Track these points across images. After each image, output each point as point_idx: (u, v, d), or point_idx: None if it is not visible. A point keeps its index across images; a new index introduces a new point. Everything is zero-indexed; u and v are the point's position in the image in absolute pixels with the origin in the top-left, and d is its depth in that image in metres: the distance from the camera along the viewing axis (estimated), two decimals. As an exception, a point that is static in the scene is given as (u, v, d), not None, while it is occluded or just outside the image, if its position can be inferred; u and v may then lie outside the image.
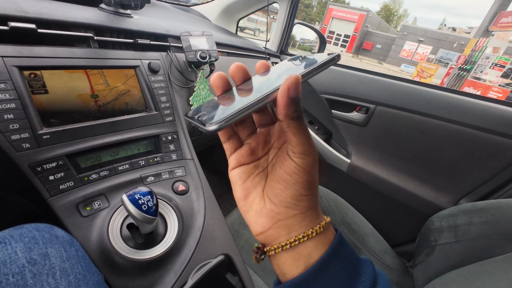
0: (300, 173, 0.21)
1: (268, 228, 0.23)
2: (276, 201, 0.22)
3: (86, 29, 0.52)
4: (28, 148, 0.39)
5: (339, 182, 1.22)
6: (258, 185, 0.24)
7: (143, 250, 0.42)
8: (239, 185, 0.24)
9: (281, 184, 0.22)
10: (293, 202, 0.22)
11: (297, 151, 0.21)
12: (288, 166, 0.21)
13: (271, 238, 0.23)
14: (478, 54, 7.31)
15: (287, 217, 0.22)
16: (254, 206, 0.24)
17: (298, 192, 0.22)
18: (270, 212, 0.23)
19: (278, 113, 0.19)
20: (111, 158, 0.49)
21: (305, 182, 0.21)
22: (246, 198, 0.24)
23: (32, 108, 0.40)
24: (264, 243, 0.24)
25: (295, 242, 0.22)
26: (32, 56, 0.42)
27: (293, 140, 0.20)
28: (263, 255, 0.24)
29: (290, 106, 0.19)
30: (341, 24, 22.95)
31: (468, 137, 0.86)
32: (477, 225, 0.64)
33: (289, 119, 0.19)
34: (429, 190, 0.97)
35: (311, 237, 0.22)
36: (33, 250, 0.30)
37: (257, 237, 0.24)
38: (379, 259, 0.82)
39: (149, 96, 0.57)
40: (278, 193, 0.22)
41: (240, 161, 0.25)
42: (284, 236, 0.22)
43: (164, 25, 0.69)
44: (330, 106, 1.19)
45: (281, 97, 0.19)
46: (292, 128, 0.20)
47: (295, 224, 0.22)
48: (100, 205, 0.44)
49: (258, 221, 0.23)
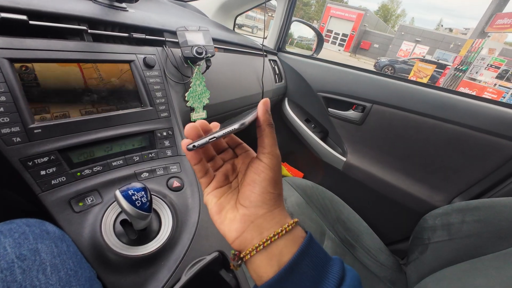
0: (267, 171, 0.25)
1: (242, 232, 0.25)
2: (247, 203, 0.26)
3: (80, 22, 0.51)
4: (19, 142, 0.38)
5: (335, 180, 1.23)
6: (231, 199, 0.28)
7: (136, 246, 0.41)
8: (214, 203, 0.27)
9: (251, 185, 0.26)
10: (261, 199, 0.25)
11: (267, 151, 0.26)
12: (257, 167, 0.26)
13: (246, 241, 0.25)
14: (474, 55, 7.37)
15: (258, 216, 0.25)
16: (228, 216, 0.26)
17: (264, 189, 0.25)
18: (242, 216, 0.25)
19: (258, 121, 0.26)
20: (104, 154, 0.49)
21: (271, 179, 0.25)
22: (220, 211, 0.27)
23: (23, 101, 0.39)
24: (240, 249, 0.25)
25: (267, 242, 0.24)
26: (23, 48, 0.41)
27: (265, 141, 0.26)
28: (240, 261, 0.25)
29: (266, 115, 0.26)
30: (339, 23, 22.92)
31: (463, 137, 0.86)
32: (470, 224, 0.64)
33: (266, 124, 0.26)
34: (424, 189, 0.97)
35: (282, 235, 0.24)
36: (23, 245, 0.30)
37: (233, 244, 0.26)
38: (373, 257, 0.83)
39: (144, 91, 0.56)
40: (248, 195, 0.26)
41: (216, 186, 0.28)
42: (257, 237, 0.24)
43: (160, 19, 0.68)
44: (327, 104, 1.19)
45: (260, 109, 0.26)
46: (267, 132, 0.26)
47: (266, 223, 0.25)
48: (93, 201, 0.44)
49: (232, 227, 0.25)
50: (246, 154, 0.30)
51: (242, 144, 0.31)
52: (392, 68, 12.36)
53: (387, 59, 13.25)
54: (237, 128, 0.23)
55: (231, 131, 0.23)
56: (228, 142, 0.31)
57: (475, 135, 0.84)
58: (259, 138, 0.26)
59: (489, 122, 0.81)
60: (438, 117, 0.90)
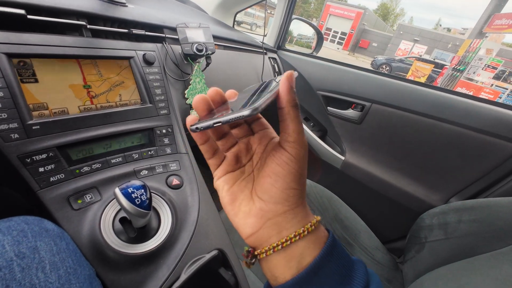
0: (292, 163, 0.21)
1: (258, 229, 0.23)
2: (266, 197, 0.23)
3: (79, 17, 0.50)
4: (17, 138, 0.38)
5: (333, 179, 1.23)
6: (245, 188, 0.25)
7: (135, 244, 0.41)
8: (226, 190, 0.25)
9: (272, 177, 0.22)
10: (283, 196, 0.22)
11: (292, 139, 0.21)
12: (280, 157, 0.22)
13: (262, 239, 0.23)
14: (472, 55, 7.41)
15: (277, 214, 0.22)
16: (242, 208, 0.24)
17: (288, 184, 0.22)
18: (259, 211, 0.23)
19: (281, 101, 0.21)
20: (103, 151, 0.48)
21: (296, 173, 0.22)
22: (234, 202, 0.24)
23: (21, 97, 0.39)
24: (255, 246, 0.23)
25: (287, 242, 0.21)
26: (21, 43, 0.40)
27: (290, 127, 0.21)
28: (253, 259, 0.23)
29: (291, 94, 0.21)
30: (338, 21, 22.88)
31: (460, 137, 0.87)
32: (466, 223, 0.65)
33: (290, 105, 0.21)
34: (421, 188, 0.98)
35: (303, 236, 0.21)
36: (22, 243, 0.29)
37: (247, 240, 0.23)
38: (371, 255, 0.83)
39: (144, 88, 0.56)
40: (268, 188, 0.22)
41: (227, 170, 0.25)
42: (275, 236, 0.22)
43: (160, 15, 0.67)
44: (326, 103, 1.19)
45: (283, 85, 0.21)
46: (292, 115, 0.21)
47: (286, 223, 0.22)
48: (92, 198, 0.43)
49: (248, 222, 0.23)
50: (264, 133, 0.26)
51: (261, 120, 0.27)
52: (389, 66, 12.43)
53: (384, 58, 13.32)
54: (249, 115, 0.18)
55: (241, 116, 0.19)
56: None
57: (472, 135, 0.85)
58: (282, 122, 0.22)
59: (486, 123, 0.82)
60: (436, 117, 0.90)
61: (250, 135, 0.27)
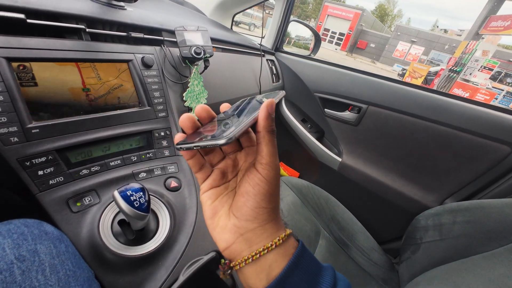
0: (263, 184, 0.23)
1: (231, 243, 0.24)
2: (238, 214, 0.24)
3: (78, 21, 0.51)
4: (17, 142, 0.38)
5: (330, 180, 1.24)
6: (226, 204, 0.26)
7: (134, 246, 0.42)
8: (208, 205, 0.26)
9: (244, 197, 0.24)
10: (253, 214, 0.24)
11: (265, 161, 0.23)
12: (253, 178, 0.24)
13: (235, 252, 0.24)
14: (468, 56, 7.48)
15: (247, 230, 0.24)
16: (220, 223, 0.25)
17: (258, 204, 0.23)
18: (233, 227, 0.24)
19: (258, 126, 0.23)
20: (102, 154, 0.49)
21: (266, 193, 0.23)
22: (214, 216, 0.26)
23: (20, 101, 0.39)
24: (230, 258, 0.25)
25: (256, 256, 0.23)
26: (21, 47, 0.41)
27: (264, 150, 0.23)
28: (229, 269, 0.25)
29: (268, 120, 0.23)
30: (336, 21, 22.96)
31: (455, 139, 0.88)
32: (461, 224, 0.66)
33: (265, 131, 0.23)
34: (417, 190, 0.99)
35: (271, 250, 0.23)
36: (22, 246, 0.30)
37: (223, 253, 0.25)
38: (367, 256, 0.84)
39: (142, 91, 0.56)
40: (240, 206, 0.24)
41: (212, 185, 0.27)
42: (246, 250, 0.24)
43: (158, 18, 0.68)
44: (323, 105, 1.20)
45: (262, 112, 0.23)
46: (266, 139, 0.23)
47: (255, 238, 0.24)
48: (91, 201, 0.44)
49: (223, 237, 0.25)
50: (250, 150, 0.28)
51: (250, 134, 0.28)
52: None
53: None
54: (224, 143, 0.20)
55: (217, 144, 0.20)
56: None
57: (467, 137, 0.86)
58: (258, 145, 0.24)
59: (480, 125, 0.83)
60: (432, 119, 0.92)
61: (238, 150, 0.29)
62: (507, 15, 7.11)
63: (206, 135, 0.23)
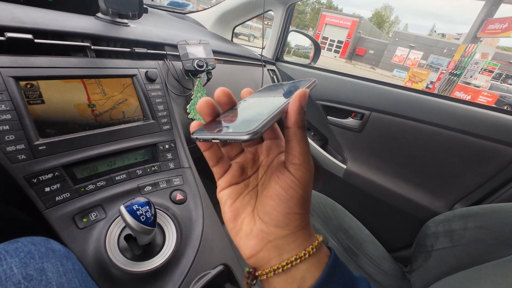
0: (297, 188, 0.21)
1: (258, 251, 0.22)
2: (267, 219, 0.22)
3: (83, 39, 0.52)
4: (24, 159, 0.39)
5: (336, 187, 1.23)
6: (248, 205, 0.24)
7: (141, 261, 0.41)
8: (229, 205, 0.24)
9: (274, 200, 0.21)
10: (284, 220, 0.21)
11: (298, 161, 0.20)
12: (284, 180, 0.21)
13: (262, 261, 0.22)
14: (468, 59, 7.51)
15: (278, 237, 0.21)
16: (243, 227, 0.23)
17: (291, 209, 0.21)
18: (260, 232, 0.22)
19: (288, 121, 0.20)
20: (108, 168, 0.49)
21: (300, 198, 0.21)
22: (236, 219, 0.23)
23: (28, 118, 0.40)
24: (255, 266, 0.23)
25: (288, 265, 0.21)
26: (28, 66, 0.42)
27: (296, 148, 0.20)
28: (254, 280, 0.23)
29: (300, 114, 0.20)
30: (334, 30, 23.31)
31: (461, 143, 0.87)
32: (472, 230, 0.65)
33: (297, 126, 0.20)
34: (424, 195, 0.98)
35: (304, 259, 0.21)
36: (29, 265, 0.29)
37: (248, 261, 0.23)
38: (377, 265, 0.82)
39: (146, 104, 0.57)
40: (269, 211, 0.21)
41: (231, 181, 0.24)
42: (275, 258, 0.21)
43: (161, 33, 0.69)
44: (326, 112, 1.20)
45: (293, 104, 0.20)
46: (298, 136, 0.20)
47: (286, 245, 0.21)
48: (97, 217, 0.43)
49: (248, 243, 0.22)
50: (273, 144, 0.25)
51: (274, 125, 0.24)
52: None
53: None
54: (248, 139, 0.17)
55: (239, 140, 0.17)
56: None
57: (473, 140, 0.85)
58: (288, 143, 0.21)
59: (486, 128, 0.83)
60: (436, 124, 0.91)
61: (258, 143, 0.26)
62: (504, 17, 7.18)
63: (227, 125, 0.20)
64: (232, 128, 0.19)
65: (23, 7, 0.48)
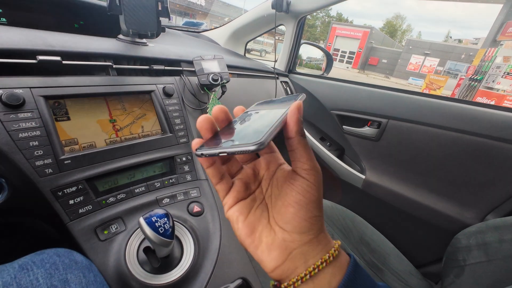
0: (313, 190, 0.21)
1: (283, 261, 0.21)
2: (289, 227, 0.22)
3: (106, 59, 0.55)
4: (51, 173, 0.41)
5: (355, 199, 1.19)
6: (262, 217, 0.23)
7: (159, 274, 0.41)
8: (242, 221, 0.23)
9: (294, 207, 0.21)
10: (307, 225, 0.21)
11: (307, 166, 0.22)
12: (300, 186, 0.21)
13: (288, 271, 0.21)
14: (488, 64, 7.24)
15: (302, 243, 0.21)
16: (264, 239, 0.22)
17: (311, 213, 0.21)
18: (283, 242, 0.22)
19: (290, 131, 0.21)
20: (127, 181, 0.50)
21: (316, 200, 0.22)
22: (253, 233, 0.23)
23: (55, 134, 0.42)
24: (281, 279, 0.22)
25: (314, 271, 0.20)
26: (56, 86, 0.44)
27: (304, 155, 0.22)
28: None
29: (300, 124, 0.21)
30: (345, 41, 23.42)
31: (488, 148, 0.82)
32: (510, 243, 0.60)
33: (299, 135, 0.21)
34: (452, 206, 0.92)
35: (329, 262, 0.21)
36: (54, 276, 0.30)
37: (272, 274, 0.22)
38: (404, 281, 0.77)
39: (164, 118, 0.58)
40: (291, 218, 0.21)
41: (237, 197, 0.24)
42: (301, 266, 0.21)
43: (177, 50, 0.72)
44: (341, 122, 1.18)
45: (293, 115, 0.21)
46: (302, 144, 0.22)
47: (311, 250, 0.21)
48: (117, 229, 0.44)
49: (271, 255, 0.22)
50: (271, 158, 0.26)
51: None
52: None
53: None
54: (255, 150, 0.17)
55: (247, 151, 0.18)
56: None
57: (500, 146, 0.80)
58: (294, 151, 0.22)
59: (514, 132, 0.78)
60: (458, 129, 0.87)
61: (254, 159, 0.27)
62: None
63: (231, 139, 0.20)
64: (238, 141, 0.20)
65: (53, 33, 0.52)
